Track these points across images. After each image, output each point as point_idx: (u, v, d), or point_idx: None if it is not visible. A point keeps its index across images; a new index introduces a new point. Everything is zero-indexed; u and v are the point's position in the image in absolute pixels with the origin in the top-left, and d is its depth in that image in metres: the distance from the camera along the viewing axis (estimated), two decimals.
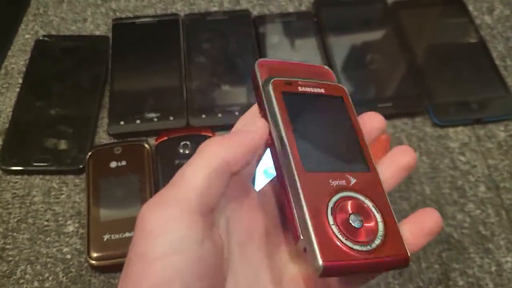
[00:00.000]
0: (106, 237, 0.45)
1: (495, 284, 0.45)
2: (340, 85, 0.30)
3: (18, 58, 0.59)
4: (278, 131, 0.27)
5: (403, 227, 0.27)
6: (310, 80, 0.29)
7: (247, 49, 0.59)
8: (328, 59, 0.58)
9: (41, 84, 0.56)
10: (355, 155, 0.28)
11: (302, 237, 0.24)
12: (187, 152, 0.50)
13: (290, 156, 0.26)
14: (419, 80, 0.57)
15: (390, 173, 0.28)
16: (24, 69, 0.58)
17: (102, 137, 0.54)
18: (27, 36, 0.61)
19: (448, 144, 0.54)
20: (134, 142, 0.51)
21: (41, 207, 0.49)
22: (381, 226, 0.25)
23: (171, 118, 0.53)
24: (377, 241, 0.25)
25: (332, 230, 0.24)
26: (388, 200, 0.27)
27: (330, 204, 0.25)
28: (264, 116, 0.28)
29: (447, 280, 0.45)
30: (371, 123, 0.30)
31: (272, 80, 0.28)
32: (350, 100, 0.30)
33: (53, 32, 0.62)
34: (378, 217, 0.25)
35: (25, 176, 0.51)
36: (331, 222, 0.24)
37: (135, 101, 0.55)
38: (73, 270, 0.45)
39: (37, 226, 0.48)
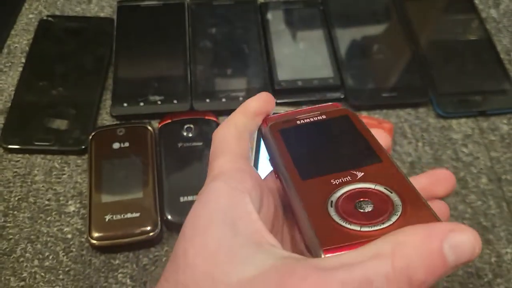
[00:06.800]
0: (107, 217, 0.44)
1: (494, 275, 0.45)
2: (344, 107, 0.30)
3: (21, 37, 0.59)
4: (281, 171, 0.27)
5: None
6: (309, 114, 0.29)
7: (252, 35, 0.59)
8: (333, 47, 0.58)
9: (44, 64, 0.56)
10: (362, 155, 0.26)
11: (308, 244, 0.23)
12: (190, 135, 0.50)
13: (287, 174, 0.26)
14: (424, 71, 0.57)
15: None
16: (27, 48, 0.57)
17: (105, 119, 0.53)
18: (30, 15, 0.61)
19: (451, 136, 0.54)
20: (137, 124, 0.51)
21: (42, 186, 0.48)
22: (398, 201, 0.23)
23: (175, 101, 0.53)
24: (393, 218, 0.22)
25: (333, 219, 0.23)
26: (410, 183, 0.24)
27: (332, 199, 0.23)
28: (271, 161, 0.29)
29: None
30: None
31: (270, 124, 0.29)
32: (358, 117, 0.29)
33: (57, 13, 0.61)
34: (394, 196, 0.23)
35: (27, 155, 0.50)
36: (332, 213, 0.23)
37: (139, 84, 0.55)
38: (74, 249, 0.45)
39: (38, 205, 0.47)
